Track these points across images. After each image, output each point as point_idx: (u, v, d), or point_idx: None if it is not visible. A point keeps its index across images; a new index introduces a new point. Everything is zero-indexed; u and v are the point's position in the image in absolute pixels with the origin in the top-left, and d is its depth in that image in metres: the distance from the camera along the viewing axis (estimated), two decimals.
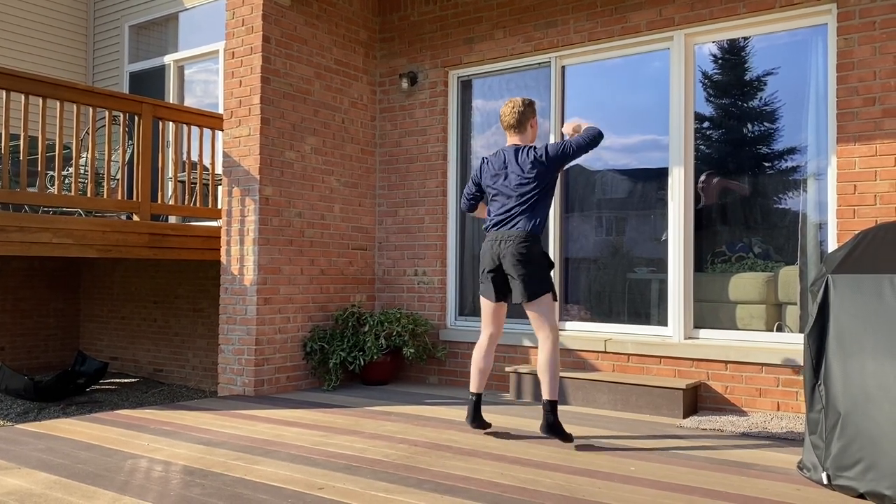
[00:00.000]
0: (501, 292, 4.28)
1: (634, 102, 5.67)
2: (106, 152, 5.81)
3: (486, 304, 4.36)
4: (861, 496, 3.09)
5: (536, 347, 5.77)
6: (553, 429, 4.06)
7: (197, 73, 8.66)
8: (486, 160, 4.41)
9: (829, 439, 3.20)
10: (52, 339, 8.64)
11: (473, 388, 4.37)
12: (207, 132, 6.60)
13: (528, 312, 4.16)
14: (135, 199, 5.96)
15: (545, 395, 4.09)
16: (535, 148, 4.24)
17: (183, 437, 4.23)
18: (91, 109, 5.77)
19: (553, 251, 5.88)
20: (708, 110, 5.40)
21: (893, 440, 2.97)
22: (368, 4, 6.71)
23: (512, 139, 4.37)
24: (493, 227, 4.26)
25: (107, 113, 5.90)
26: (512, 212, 4.18)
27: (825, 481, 3.21)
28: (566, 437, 4.07)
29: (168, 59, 8.81)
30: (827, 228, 4.85)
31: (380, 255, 6.72)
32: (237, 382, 5.67)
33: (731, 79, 5.34)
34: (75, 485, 3.29)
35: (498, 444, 4.07)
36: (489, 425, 4.38)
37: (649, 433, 4.38)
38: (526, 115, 4.34)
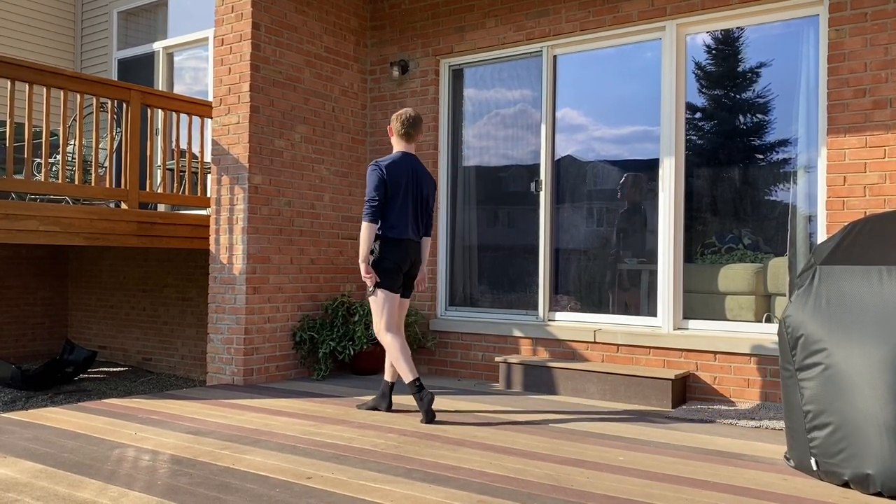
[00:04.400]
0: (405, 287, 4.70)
1: (626, 93, 5.66)
2: (94, 139, 5.76)
3: (395, 298, 4.58)
4: (846, 483, 3.11)
5: (526, 338, 5.79)
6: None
7: (186, 60, 8.58)
8: (383, 166, 4.49)
9: (815, 427, 3.21)
10: (40, 328, 8.59)
11: (414, 374, 4.46)
12: (196, 120, 6.55)
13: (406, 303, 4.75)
14: (123, 186, 5.92)
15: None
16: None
17: (171, 426, 4.21)
18: (78, 96, 5.71)
19: (543, 242, 5.88)
20: (700, 101, 5.39)
21: (878, 427, 2.99)
22: None
23: (409, 147, 4.67)
24: (410, 232, 4.55)
25: (94, 100, 5.85)
26: (424, 218, 4.66)
27: (814, 468, 3.22)
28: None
29: (157, 45, 8.73)
30: (816, 220, 4.87)
31: None
32: (226, 371, 5.66)
33: (724, 70, 5.33)
34: (62, 474, 3.27)
35: (486, 434, 4.07)
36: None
37: (638, 423, 4.39)
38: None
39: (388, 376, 4.68)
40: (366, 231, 4.39)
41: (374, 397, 4.75)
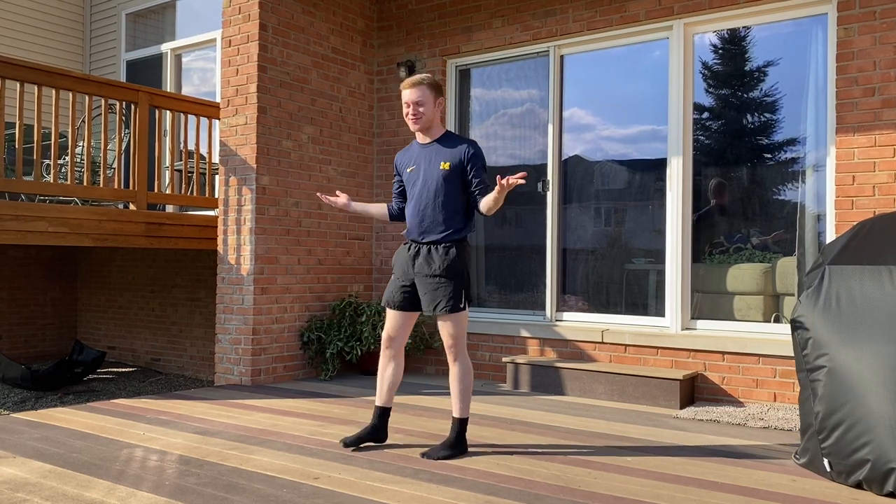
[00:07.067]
0: None
1: (633, 92, 5.65)
2: (102, 141, 5.79)
3: None
4: (859, 484, 3.09)
5: (534, 338, 5.78)
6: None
7: (194, 61, 8.61)
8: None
9: (828, 428, 3.20)
10: (50, 328, 8.63)
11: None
12: (204, 121, 6.57)
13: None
14: (131, 188, 5.94)
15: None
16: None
17: (179, 426, 4.23)
18: (87, 98, 5.73)
19: (551, 242, 5.87)
20: (707, 100, 5.37)
21: (891, 426, 2.97)
22: None
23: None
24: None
25: (103, 101, 5.87)
26: None
27: (827, 468, 3.21)
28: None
29: (165, 47, 8.76)
30: (825, 219, 4.84)
31: (377, 245, 6.70)
32: (234, 372, 5.67)
33: (731, 69, 5.31)
34: (71, 474, 3.28)
35: (493, 434, 4.07)
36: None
37: (645, 424, 4.38)
38: None
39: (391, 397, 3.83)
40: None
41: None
